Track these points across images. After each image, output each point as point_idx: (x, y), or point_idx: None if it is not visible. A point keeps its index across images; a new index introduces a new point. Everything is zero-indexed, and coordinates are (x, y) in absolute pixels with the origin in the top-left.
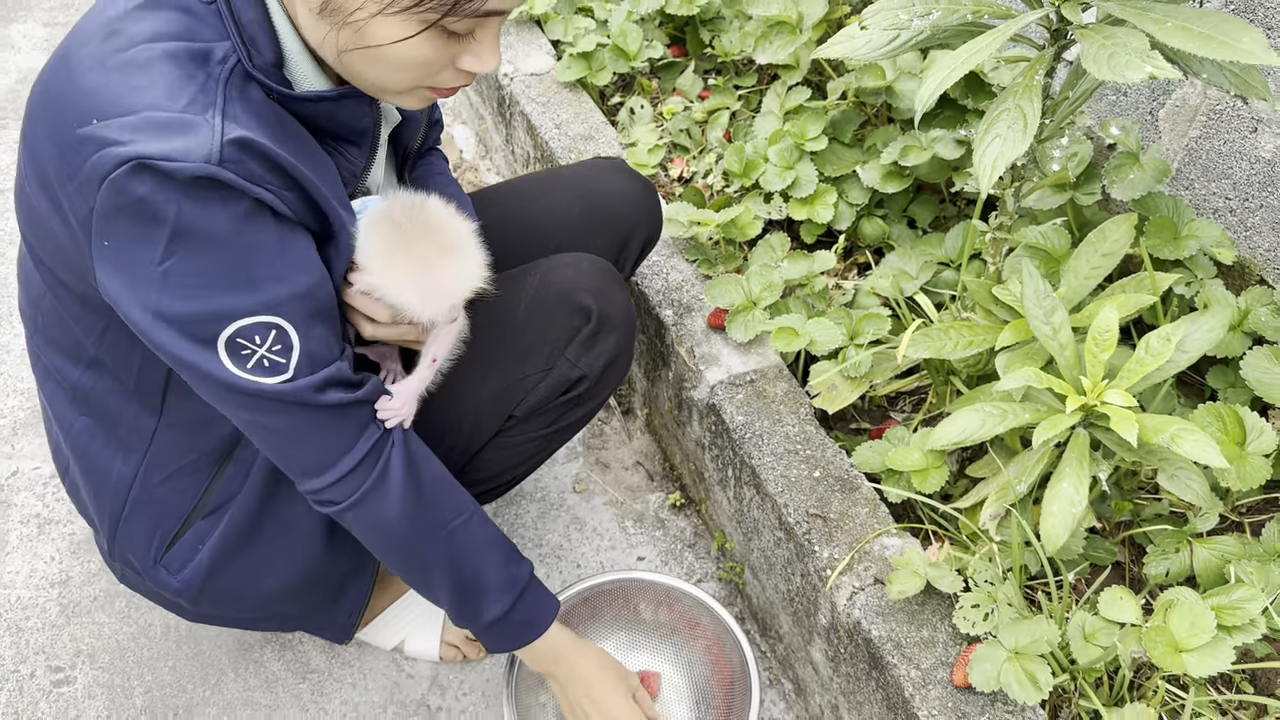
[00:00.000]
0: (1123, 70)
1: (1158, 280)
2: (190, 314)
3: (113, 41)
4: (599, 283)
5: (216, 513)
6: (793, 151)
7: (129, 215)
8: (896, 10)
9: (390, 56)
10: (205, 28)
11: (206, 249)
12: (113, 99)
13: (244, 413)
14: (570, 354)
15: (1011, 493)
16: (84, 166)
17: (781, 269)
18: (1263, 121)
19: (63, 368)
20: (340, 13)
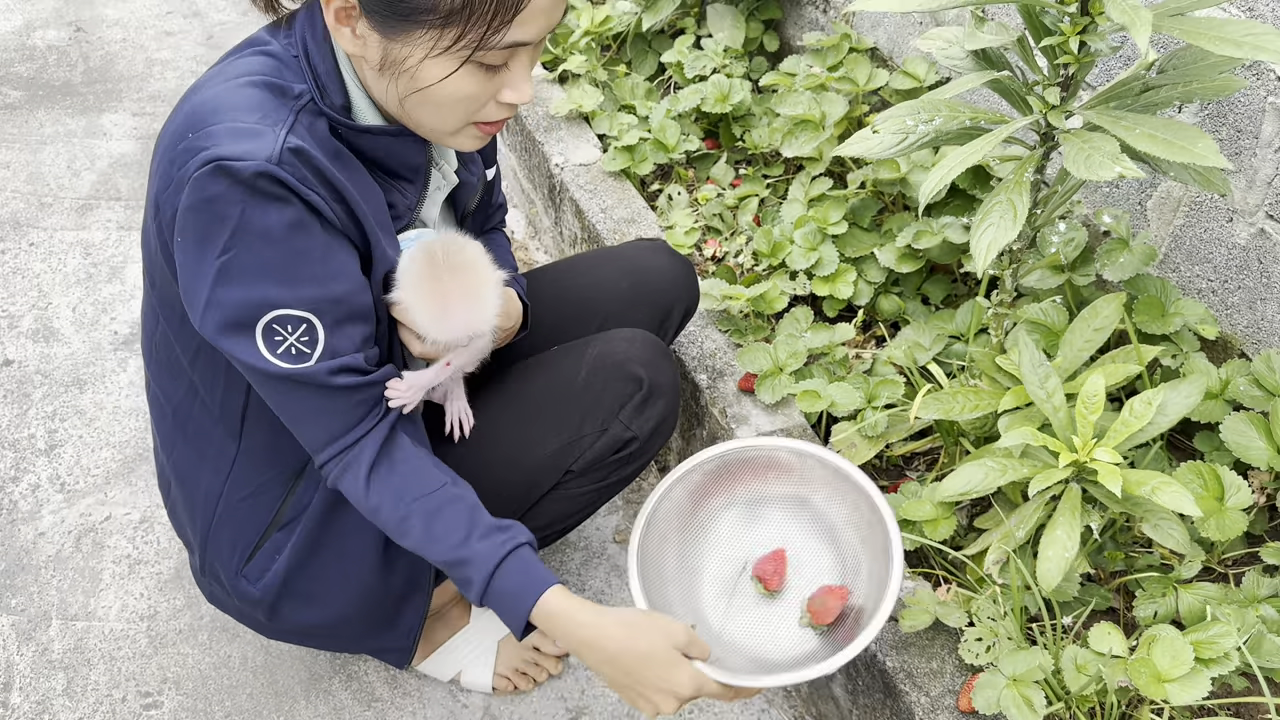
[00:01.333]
0: (1096, 170)
1: (1143, 352)
2: (237, 301)
3: (216, 79)
4: (650, 356)
5: (290, 525)
6: (816, 234)
7: (202, 213)
8: (904, 117)
9: (441, 96)
10: (289, 71)
11: (261, 247)
12: (206, 115)
13: (271, 392)
14: (623, 417)
15: (1012, 540)
16: (178, 174)
17: (805, 339)
18: (1237, 213)
19: (168, 390)
20: (396, 64)
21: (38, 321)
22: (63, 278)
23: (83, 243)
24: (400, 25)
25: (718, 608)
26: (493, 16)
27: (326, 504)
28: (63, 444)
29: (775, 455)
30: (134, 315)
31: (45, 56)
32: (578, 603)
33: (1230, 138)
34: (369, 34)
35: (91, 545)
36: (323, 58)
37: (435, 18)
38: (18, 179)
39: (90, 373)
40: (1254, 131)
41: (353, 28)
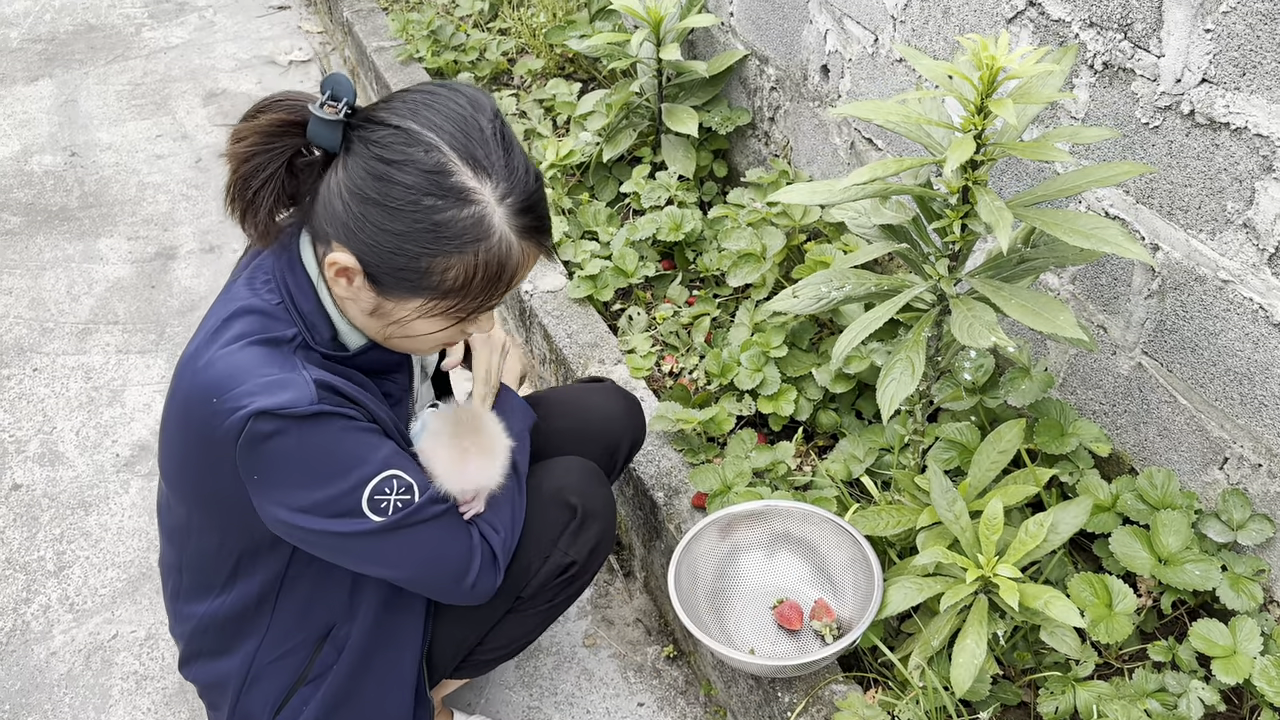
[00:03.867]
0: (976, 338)
1: (1039, 475)
2: (332, 496)
3: (212, 347)
4: (583, 483)
5: (316, 680)
6: (760, 357)
7: (267, 449)
8: (819, 284)
9: (423, 340)
10: (276, 321)
11: (326, 452)
12: (221, 382)
13: (392, 550)
14: (561, 544)
15: (930, 648)
16: (219, 430)
17: (751, 459)
18: (1119, 348)
19: (201, 595)
20: (387, 314)
21: (43, 445)
22: (65, 402)
23: (83, 367)
24: (398, 292)
25: (744, 631)
26: (484, 297)
27: (352, 666)
28: (71, 565)
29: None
30: (134, 437)
31: (42, 182)
32: None
33: (1108, 284)
34: (365, 289)
35: (101, 663)
36: (306, 299)
37: (435, 294)
38: (20, 304)
39: (94, 495)
40: (1127, 280)
41: (349, 281)
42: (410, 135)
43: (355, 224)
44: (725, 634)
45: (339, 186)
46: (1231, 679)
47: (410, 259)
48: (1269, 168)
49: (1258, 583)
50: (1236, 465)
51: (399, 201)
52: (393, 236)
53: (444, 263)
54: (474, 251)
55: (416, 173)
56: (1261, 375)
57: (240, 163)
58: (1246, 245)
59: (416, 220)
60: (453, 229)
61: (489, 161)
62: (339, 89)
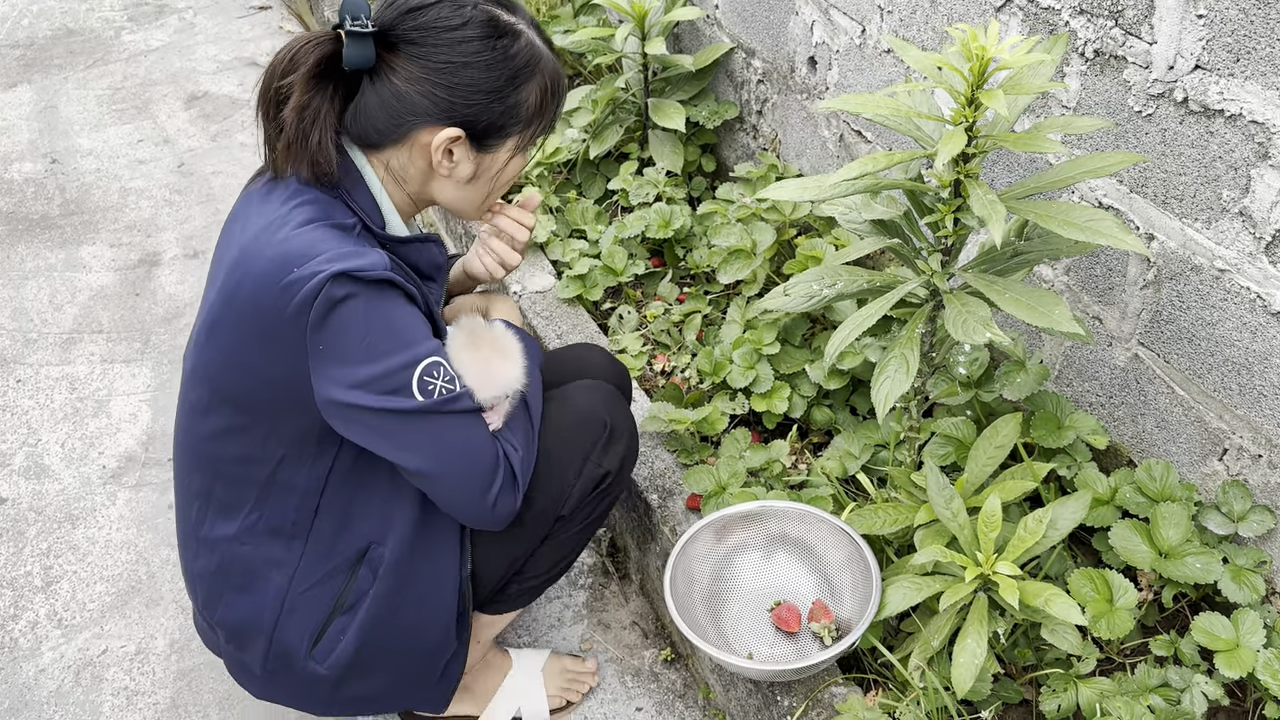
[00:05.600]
0: (970, 334)
1: (1036, 470)
2: (387, 370)
3: (284, 228)
4: (609, 400)
5: (353, 608)
6: (752, 354)
7: (338, 314)
8: (810, 282)
9: (504, 180)
10: (336, 210)
11: (389, 324)
12: (302, 251)
13: (429, 436)
14: (594, 457)
15: (930, 648)
16: (293, 302)
17: (745, 459)
18: (1115, 339)
19: (230, 511)
20: (487, 173)
21: (29, 459)
22: (50, 414)
23: (68, 377)
24: (498, 139)
25: (741, 634)
26: (553, 112)
27: (390, 588)
28: (58, 580)
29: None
30: (121, 449)
31: (23, 190)
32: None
33: (1103, 275)
34: (466, 155)
35: (91, 679)
36: (361, 193)
37: (521, 124)
38: (2, 315)
39: (81, 508)
40: (1122, 270)
41: (451, 156)
42: (453, 1)
43: (450, 94)
44: (723, 637)
45: (402, 83)
46: (1235, 673)
47: (505, 100)
48: (1265, 155)
49: (1259, 574)
50: (1236, 456)
51: (480, 55)
52: (488, 86)
53: (526, 91)
54: (540, 72)
55: (478, 26)
56: (1260, 365)
57: (298, 117)
58: (1243, 234)
59: (500, 64)
60: (521, 59)
61: (509, 2)
62: (356, 8)
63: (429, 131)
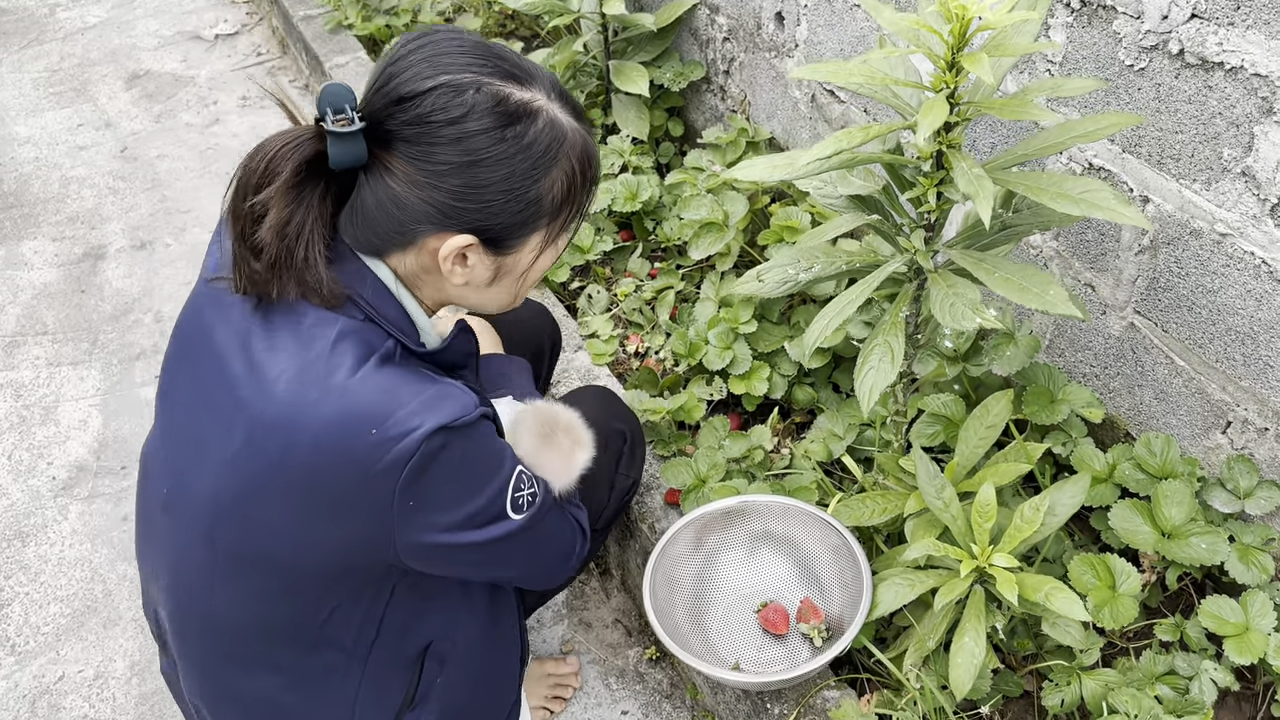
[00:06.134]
0: (959, 320)
1: (1030, 451)
2: (486, 503)
3: (334, 376)
4: (618, 408)
5: (423, 702)
6: (729, 334)
7: (434, 468)
8: (785, 266)
9: (533, 277)
10: (372, 334)
11: (484, 458)
12: (378, 409)
13: (526, 547)
14: (622, 470)
15: (925, 647)
16: (378, 467)
17: (725, 448)
18: (1109, 307)
19: (276, 663)
20: (512, 273)
21: None
22: None
23: (12, 383)
24: (519, 239)
25: (727, 638)
26: (585, 194)
27: (462, 677)
28: (9, 603)
29: (765, 508)
30: (70, 458)
31: None
32: None
33: (1095, 240)
34: (481, 260)
35: (48, 708)
36: (389, 306)
37: (546, 217)
38: None
39: (31, 524)
40: (1116, 235)
41: (465, 262)
42: (451, 86)
43: (455, 200)
44: (707, 643)
45: (399, 186)
46: (1245, 658)
47: (522, 196)
48: (1269, 110)
49: (1268, 552)
50: (1241, 429)
51: (489, 150)
52: (501, 186)
53: (549, 181)
54: (565, 155)
55: (485, 115)
56: (1266, 334)
57: (278, 236)
58: (1246, 195)
59: (514, 157)
60: (541, 145)
61: (519, 69)
62: (338, 99)
63: (436, 239)
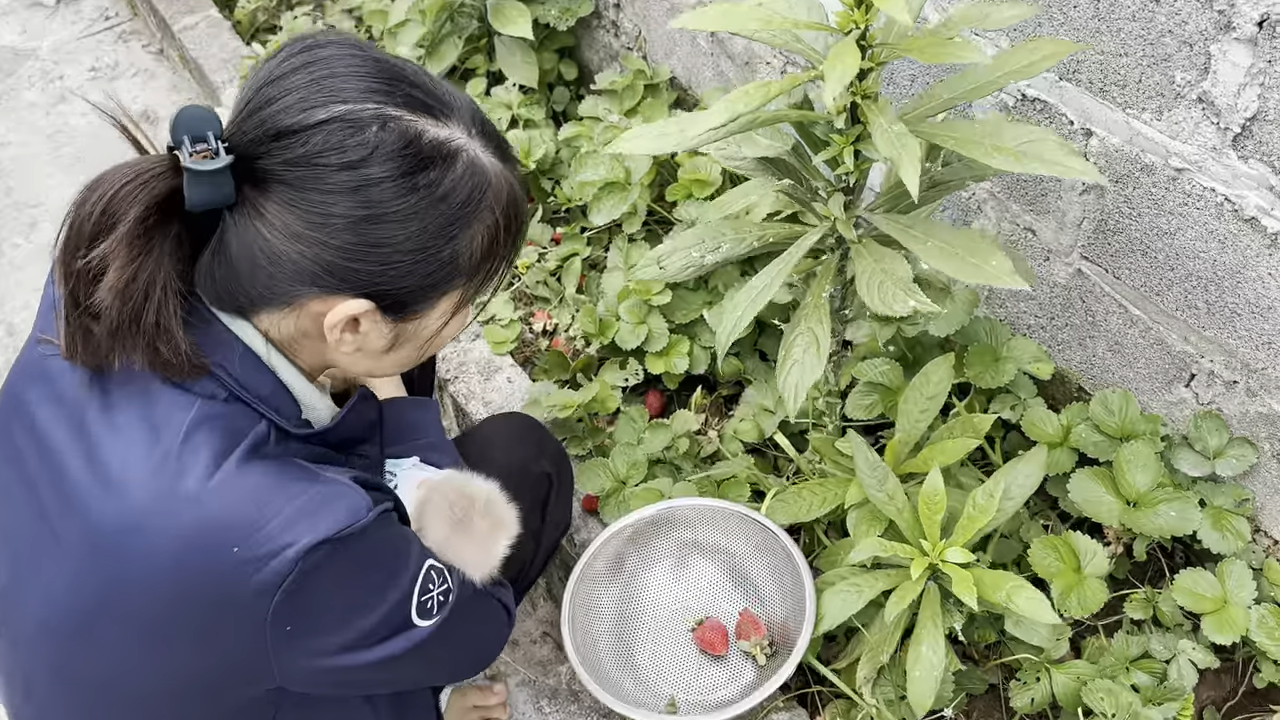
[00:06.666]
0: (890, 303)
1: (978, 423)
2: (384, 616)
3: (186, 478)
4: (538, 442)
5: None
6: (641, 307)
7: (313, 585)
8: (689, 249)
9: (441, 341)
10: (237, 416)
11: (377, 564)
12: (241, 520)
13: (441, 650)
14: (550, 517)
15: (879, 659)
16: (248, 586)
17: (645, 441)
18: (1052, 253)
19: None
20: (414, 339)
21: None
22: None
23: None
24: (427, 302)
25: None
26: (511, 246)
27: None
28: None
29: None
30: None
31: None
32: None
33: (1034, 180)
34: (377, 327)
35: None
36: (260, 380)
37: (462, 276)
38: None
39: None
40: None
41: (355, 330)
42: (348, 120)
43: (347, 259)
44: (637, 675)
45: (275, 237)
46: (1226, 636)
47: (434, 256)
48: (1227, 26)
49: (1242, 515)
50: (1206, 383)
51: (395, 203)
52: (408, 245)
53: (467, 236)
54: (488, 205)
55: (390, 159)
56: (1232, 280)
57: (121, 298)
58: (1204, 124)
59: (427, 211)
60: (459, 196)
61: (433, 97)
62: (198, 125)
63: (321, 302)
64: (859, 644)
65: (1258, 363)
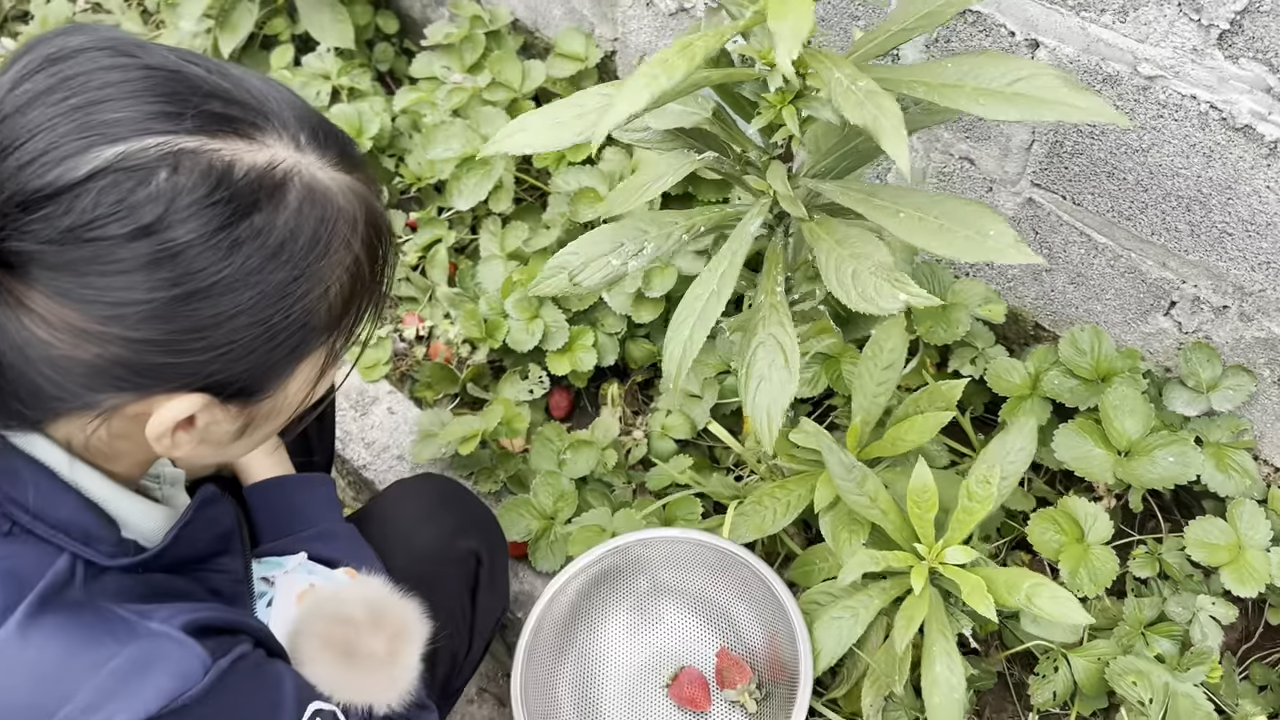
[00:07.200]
0: (873, 298)
1: (946, 391)
2: None
3: None
4: (461, 510)
5: None
6: (531, 300)
7: None
8: (606, 257)
9: (291, 411)
10: (30, 558)
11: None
12: (28, 704)
13: None
14: (481, 604)
15: (888, 683)
16: None
17: (567, 462)
18: (996, 182)
19: None
20: (268, 419)
21: None
22: None
23: None
24: (282, 375)
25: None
26: (375, 282)
27: None
28: None
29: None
30: None
31: None
32: None
33: None
34: (223, 419)
35: None
36: (57, 503)
37: (321, 331)
38: None
39: None
40: None
41: (190, 427)
42: (127, 167)
43: (161, 354)
44: None
45: (51, 336)
46: (1249, 588)
47: (282, 322)
48: None
49: (1243, 449)
50: (1191, 310)
51: (211, 270)
52: (243, 319)
53: (320, 286)
54: (339, 239)
55: (193, 208)
56: (1220, 197)
57: None
58: (1180, 23)
59: (255, 267)
60: (301, 236)
61: (240, 105)
62: None
63: (138, 405)
64: (854, 665)
65: (1254, 285)
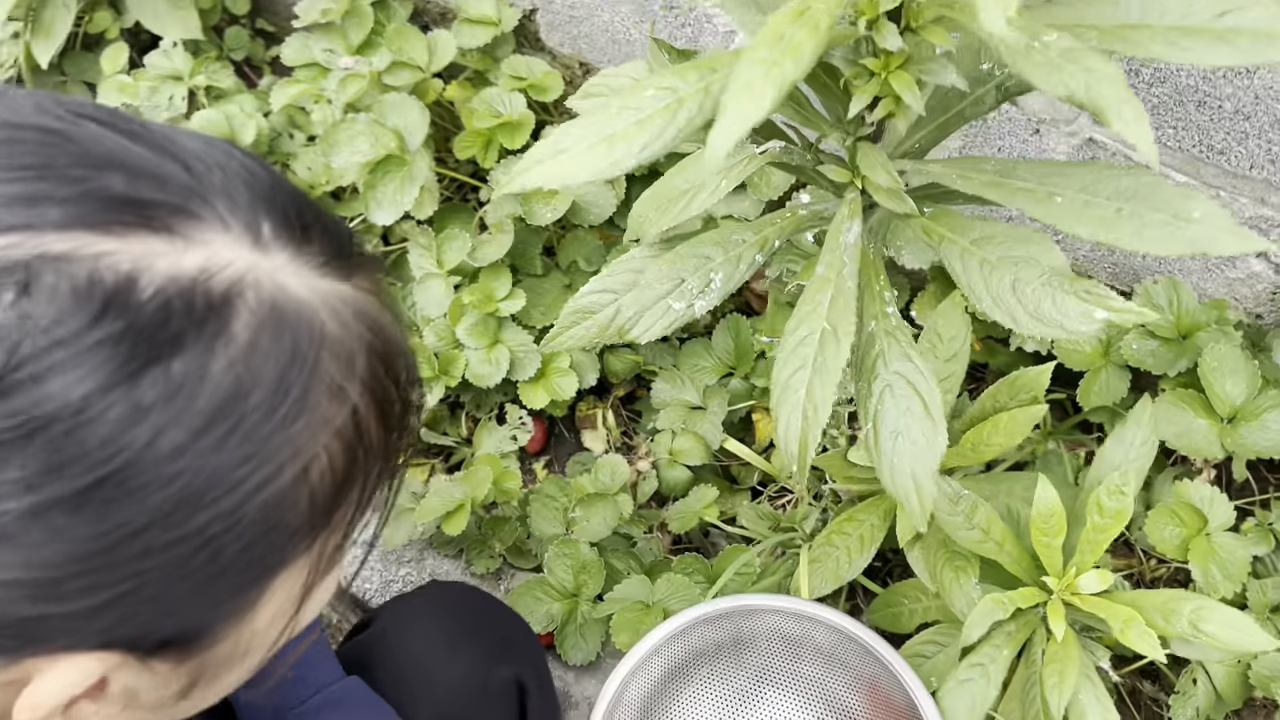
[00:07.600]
0: (1058, 318)
1: (1034, 379)
2: None
3: None
4: (494, 630)
5: None
6: (488, 323)
7: None
8: (666, 300)
9: (293, 630)
10: None
11: None
12: None
13: None
14: None
15: None
16: None
17: (579, 523)
18: (1045, 121)
19: None
20: (227, 667)
21: None
22: None
23: None
24: (238, 612)
25: None
26: (401, 427)
27: None
28: None
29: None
30: None
31: None
32: None
33: None
34: (148, 676)
35: None
36: None
37: (304, 540)
38: None
39: None
40: None
41: (100, 697)
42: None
43: (38, 597)
44: None
45: None
46: None
47: (230, 533)
48: None
49: None
50: None
51: (97, 455)
52: (162, 532)
53: (292, 468)
54: (320, 385)
55: (66, 352)
56: None
57: None
58: None
59: (175, 447)
60: (256, 388)
61: (161, 185)
62: None
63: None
64: None
65: None
